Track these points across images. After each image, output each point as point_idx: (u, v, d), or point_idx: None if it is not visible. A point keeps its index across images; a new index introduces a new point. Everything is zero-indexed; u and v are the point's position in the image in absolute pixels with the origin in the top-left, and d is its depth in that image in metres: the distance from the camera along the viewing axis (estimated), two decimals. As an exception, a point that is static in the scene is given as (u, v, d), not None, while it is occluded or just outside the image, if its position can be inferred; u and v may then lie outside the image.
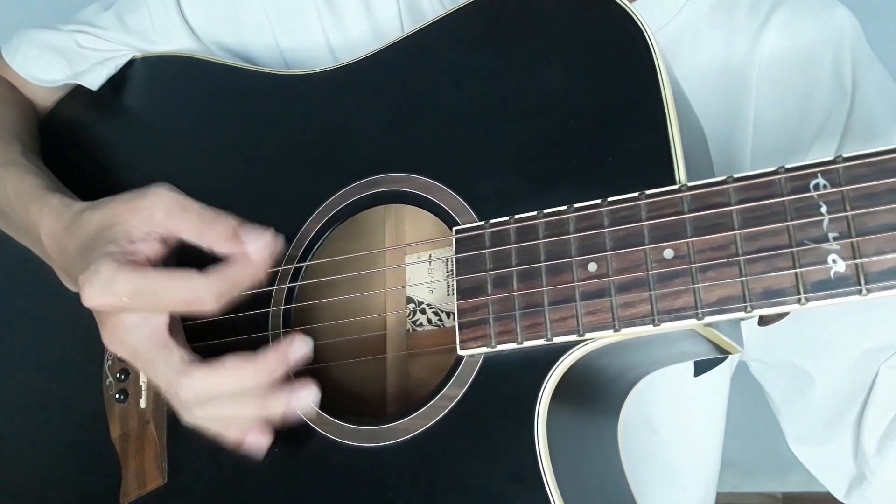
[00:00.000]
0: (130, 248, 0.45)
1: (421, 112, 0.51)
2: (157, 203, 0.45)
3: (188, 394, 0.44)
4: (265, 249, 0.44)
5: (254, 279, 0.45)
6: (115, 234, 0.45)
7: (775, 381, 0.66)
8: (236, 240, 0.44)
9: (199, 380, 0.43)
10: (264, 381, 0.44)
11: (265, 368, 0.43)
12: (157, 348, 0.45)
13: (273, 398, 0.44)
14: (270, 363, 0.43)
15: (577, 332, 0.40)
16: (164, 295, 0.43)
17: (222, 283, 0.43)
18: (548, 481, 0.40)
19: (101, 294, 0.43)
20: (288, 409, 0.45)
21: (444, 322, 0.56)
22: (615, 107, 0.44)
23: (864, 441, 0.58)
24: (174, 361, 0.44)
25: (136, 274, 0.43)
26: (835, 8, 0.59)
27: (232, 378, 0.43)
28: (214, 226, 0.44)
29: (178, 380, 0.44)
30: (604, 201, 0.41)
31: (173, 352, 0.45)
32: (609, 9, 0.45)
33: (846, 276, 0.35)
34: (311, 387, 0.45)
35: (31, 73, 0.67)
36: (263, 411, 0.45)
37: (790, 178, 0.37)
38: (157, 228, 0.45)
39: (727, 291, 0.37)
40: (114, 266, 0.43)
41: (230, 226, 0.44)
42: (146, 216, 0.45)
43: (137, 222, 0.45)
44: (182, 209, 0.45)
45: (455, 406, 0.44)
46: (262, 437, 0.46)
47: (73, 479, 0.59)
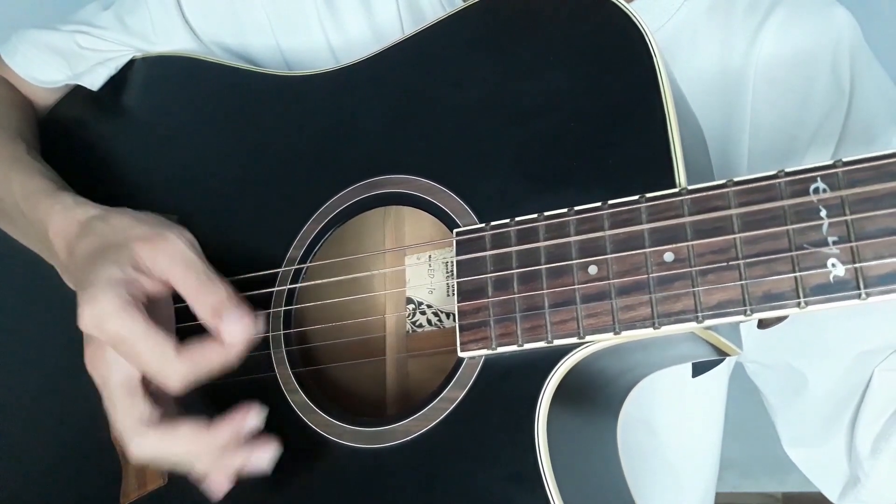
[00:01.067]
0: (134, 276, 0.45)
1: (421, 114, 0.51)
2: (168, 251, 0.46)
3: (136, 452, 0.45)
4: (240, 335, 0.44)
5: (224, 365, 0.45)
6: (122, 256, 0.46)
7: (771, 383, 0.66)
8: (218, 318, 0.45)
9: (150, 444, 0.44)
10: (216, 452, 0.44)
11: (218, 441, 0.44)
12: (124, 394, 0.45)
13: (228, 458, 0.45)
14: (224, 436, 0.44)
15: (577, 335, 0.40)
16: (139, 357, 0.44)
17: (190, 372, 0.44)
18: (548, 482, 0.41)
19: (92, 325, 0.44)
20: (246, 469, 0.45)
21: (444, 323, 0.56)
22: (615, 109, 0.44)
23: (858, 443, 0.58)
24: (133, 416, 0.45)
25: (130, 323, 0.43)
26: (833, 8, 0.59)
27: (183, 447, 0.44)
28: (206, 295, 0.45)
29: (131, 437, 0.45)
30: (604, 204, 0.41)
31: (136, 406, 0.45)
32: (609, 10, 0.45)
33: (846, 280, 0.35)
34: (269, 447, 0.45)
35: (31, 73, 0.67)
36: (217, 468, 0.45)
37: (790, 182, 0.37)
38: (156, 273, 0.46)
39: (727, 295, 0.37)
40: (114, 303, 0.43)
41: (220, 300, 0.45)
42: (153, 256, 0.46)
43: (145, 256, 0.46)
44: (186, 267, 0.46)
45: (456, 408, 0.44)
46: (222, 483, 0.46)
47: (73, 479, 0.59)
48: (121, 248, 0.46)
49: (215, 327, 0.45)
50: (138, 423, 0.45)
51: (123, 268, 0.45)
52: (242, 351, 0.45)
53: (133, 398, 0.45)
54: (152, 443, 0.44)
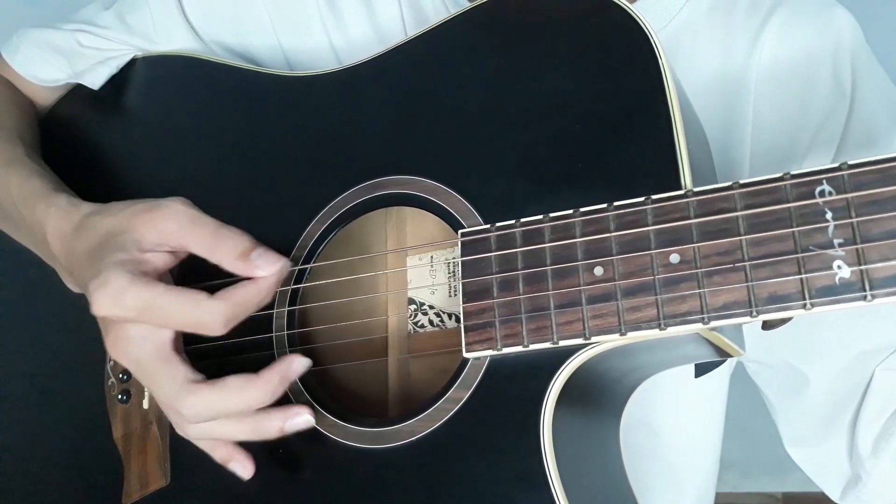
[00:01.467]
0: (140, 257, 0.45)
1: (426, 115, 0.51)
2: (171, 216, 0.45)
3: (190, 412, 0.44)
4: (272, 267, 0.45)
5: (260, 304, 0.45)
6: (125, 241, 0.45)
7: (771, 382, 0.66)
8: (246, 260, 0.44)
9: (203, 399, 0.44)
10: (266, 402, 0.44)
11: (268, 388, 0.44)
12: (161, 363, 0.45)
13: (269, 419, 0.45)
14: (273, 383, 0.44)
15: (583, 336, 0.41)
16: (173, 314, 0.43)
17: (229, 309, 0.43)
18: (553, 483, 0.41)
19: (110, 305, 0.43)
20: (282, 432, 0.46)
21: (446, 323, 0.56)
22: (621, 110, 0.44)
23: (859, 442, 0.58)
24: (178, 378, 0.44)
25: (147, 289, 0.43)
26: (834, 9, 0.59)
27: (235, 399, 0.44)
28: (226, 243, 0.45)
29: (182, 397, 0.44)
30: (610, 206, 0.41)
31: (177, 368, 0.45)
32: (613, 12, 0.45)
33: (851, 283, 0.35)
34: (306, 412, 0.46)
35: (32, 72, 0.67)
36: (258, 432, 0.45)
37: (796, 184, 0.37)
38: (168, 241, 0.46)
39: (733, 296, 0.38)
40: (126, 278, 0.43)
41: (241, 245, 0.45)
42: (158, 228, 0.45)
43: (149, 233, 0.45)
44: (194, 223, 0.45)
45: (460, 408, 0.44)
46: (247, 464, 0.47)
47: (76, 479, 0.58)
48: (122, 234, 0.46)
49: (245, 267, 0.44)
50: (185, 382, 0.44)
51: (129, 251, 0.45)
52: (274, 289, 0.45)
53: (171, 363, 0.45)
54: (205, 398, 0.43)
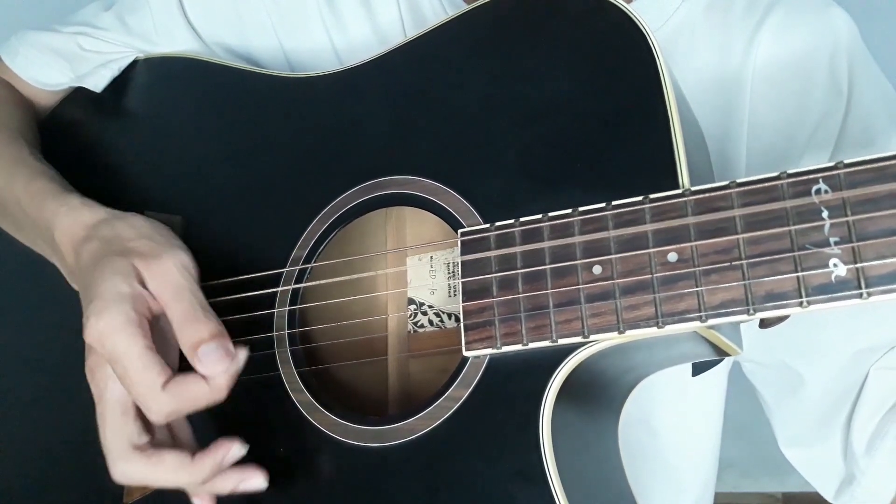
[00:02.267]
0: (140, 292, 0.46)
1: (425, 115, 0.51)
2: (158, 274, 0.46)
3: (119, 476, 0.46)
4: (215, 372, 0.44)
5: (209, 402, 0.45)
6: (125, 268, 0.46)
7: (767, 382, 0.66)
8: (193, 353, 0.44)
9: (133, 469, 0.45)
10: (198, 482, 0.45)
11: (199, 476, 0.45)
12: (117, 413, 0.46)
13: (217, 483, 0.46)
14: (205, 470, 0.45)
15: (581, 334, 0.41)
16: (128, 381, 0.44)
17: (173, 404, 0.44)
18: (553, 481, 0.41)
19: (94, 338, 0.44)
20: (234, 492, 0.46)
21: (446, 323, 0.57)
22: (618, 110, 0.44)
23: (853, 441, 0.58)
24: (122, 437, 0.45)
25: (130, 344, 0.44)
26: (831, 8, 0.59)
27: (166, 478, 0.45)
28: (189, 328, 0.45)
29: (116, 459, 0.45)
30: (608, 205, 0.42)
31: (127, 427, 0.46)
32: (611, 12, 0.46)
33: (847, 280, 0.35)
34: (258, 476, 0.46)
35: (33, 75, 0.67)
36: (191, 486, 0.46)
37: (792, 183, 0.37)
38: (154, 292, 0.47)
39: (730, 294, 0.38)
40: (119, 319, 0.44)
41: (198, 335, 0.45)
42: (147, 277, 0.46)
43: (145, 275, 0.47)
44: (175, 294, 0.46)
45: (460, 406, 0.45)
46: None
47: (76, 478, 0.59)
48: (122, 259, 0.47)
49: (192, 361, 0.45)
50: (126, 446, 0.45)
51: (130, 281, 0.46)
52: (226, 387, 0.45)
53: (125, 418, 0.46)
54: (136, 468, 0.45)
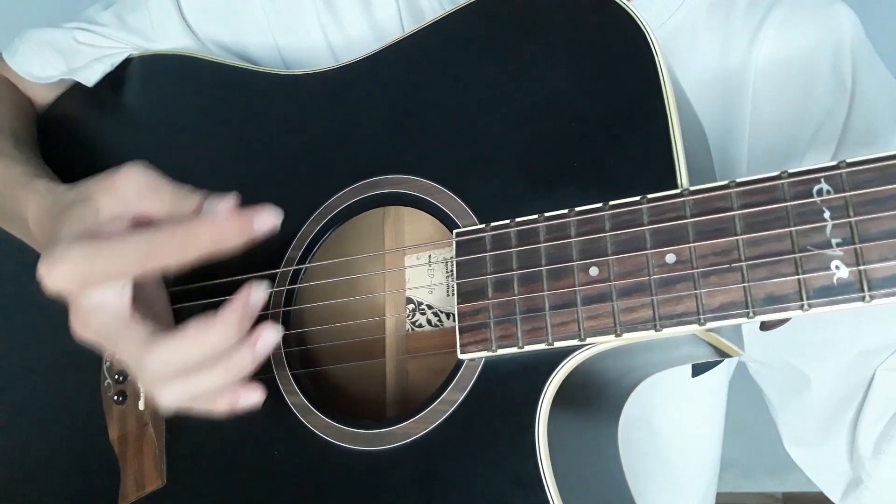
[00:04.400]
0: (96, 228, 0.43)
1: (421, 113, 0.50)
2: (130, 182, 0.44)
3: (154, 366, 0.42)
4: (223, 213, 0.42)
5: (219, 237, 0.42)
6: (83, 212, 0.44)
7: (772, 382, 0.66)
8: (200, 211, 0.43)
9: (164, 350, 0.42)
10: (231, 340, 0.42)
11: (230, 325, 0.42)
12: (120, 326, 0.43)
13: (238, 353, 0.42)
14: (234, 318, 0.42)
15: (578, 337, 0.40)
16: (121, 251, 0.41)
17: (176, 239, 0.41)
18: (548, 485, 0.40)
19: (55, 266, 0.41)
20: (255, 358, 0.43)
21: (444, 322, 0.56)
22: (617, 109, 0.43)
23: (859, 443, 0.58)
24: (137, 336, 0.42)
25: (92, 241, 0.41)
26: (834, 4, 0.58)
27: (198, 342, 0.41)
28: (181, 203, 0.43)
29: (143, 355, 0.42)
30: (605, 205, 0.41)
31: (136, 327, 0.43)
32: (610, 9, 0.45)
33: (849, 283, 0.35)
34: (269, 328, 0.43)
35: (27, 69, 0.67)
36: (233, 370, 0.43)
37: (793, 182, 0.36)
38: (128, 207, 0.44)
39: (729, 297, 0.37)
40: (68, 242, 0.41)
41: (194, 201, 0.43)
42: (118, 195, 0.44)
43: (108, 201, 0.44)
44: (154, 189, 0.44)
45: (455, 410, 0.44)
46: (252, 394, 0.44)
47: (72, 481, 0.58)
48: (80, 203, 0.44)
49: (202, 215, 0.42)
50: (145, 338, 0.42)
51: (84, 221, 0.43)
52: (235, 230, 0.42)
53: (129, 326, 0.43)
54: (167, 349, 0.42)
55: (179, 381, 0.42)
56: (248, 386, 0.44)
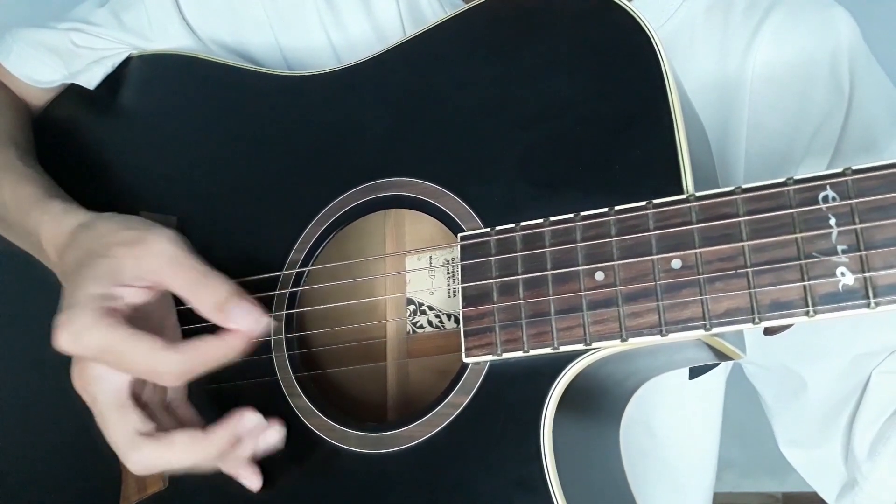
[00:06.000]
0: (115, 291, 0.44)
1: (425, 116, 0.50)
2: (155, 254, 0.45)
3: (134, 466, 0.44)
4: (247, 334, 0.44)
5: (225, 359, 0.44)
6: (104, 269, 0.45)
7: (769, 384, 0.66)
8: (221, 312, 0.44)
9: (146, 456, 0.44)
10: (212, 460, 0.44)
11: (215, 448, 0.44)
12: (115, 408, 0.45)
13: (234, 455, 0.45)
14: (223, 441, 0.44)
15: (583, 342, 0.40)
16: (128, 360, 0.43)
17: (186, 363, 0.43)
18: (553, 489, 0.40)
19: (69, 343, 0.43)
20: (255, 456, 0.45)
21: (445, 324, 0.56)
22: (622, 113, 0.43)
23: (855, 445, 0.58)
24: (127, 429, 0.44)
25: (108, 332, 0.43)
26: (832, 8, 0.59)
27: (181, 456, 0.44)
28: (205, 291, 0.44)
29: (127, 451, 0.44)
30: (611, 210, 0.41)
31: (128, 417, 0.44)
32: (614, 12, 0.45)
33: (855, 290, 0.35)
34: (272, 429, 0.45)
35: (26, 73, 0.66)
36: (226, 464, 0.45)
37: (799, 189, 0.37)
38: (147, 277, 0.45)
39: (735, 303, 0.37)
40: (90, 317, 0.43)
41: (220, 294, 0.44)
42: (139, 263, 0.45)
43: (129, 266, 0.45)
44: (179, 266, 0.45)
45: (460, 413, 0.44)
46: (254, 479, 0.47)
47: (73, 482, 0.58)
48: (101, 258, 0.45)
49: (220, 319, 0.44)
50: (133, 436, 0.44)
51: (101, 283, 0.44)
52: (246, 345, 0.44)
53: (124, 411, 0.45)
54: (148, 454, 0.44)
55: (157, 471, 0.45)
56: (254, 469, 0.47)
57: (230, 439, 0.44)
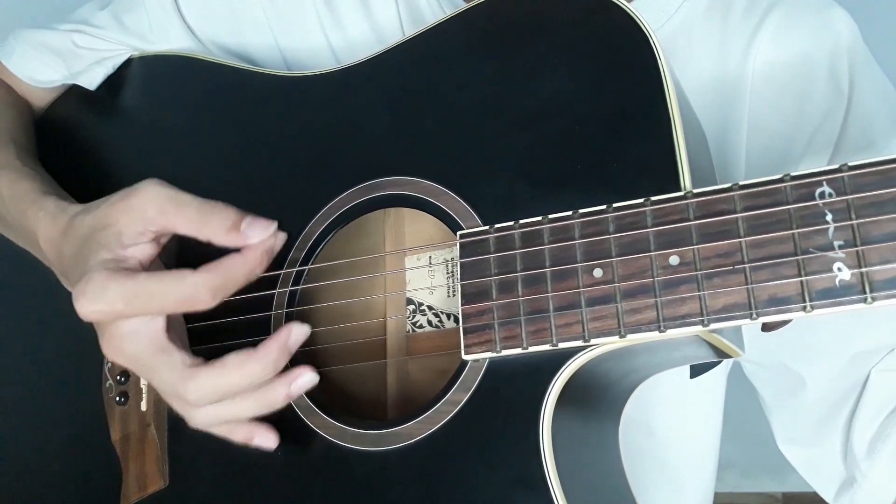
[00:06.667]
0: (122, 253, 0.44)
1: (425, 115, 0.51)
2: (149, 200, 0.44)
3: (193, 396, 0.43)
4: (268, 242, 0.44)
5: (251, 273, 0.44)
6: (107, 238, 0.44)
7: (767, 382, 0.66)
8: (237, 231, 0.43)
9: (205, 380, 0.43)
10: (268, 375, 0.43)
11: (268, 361, 0.43)
12: (158, 353, 0.44)
13: (273, 388, 0.44)
14: (273, 354, 0.43)
15: (582, 338, 0.40)
16: (158, 296, 0.42)
17: (216, 279, 0.43)
18: (553, 486, 0.41)
19: (93, 304, 0.42)
20: (289, 397, 0.45)
21: (445, 323, 0.56)
22: (620, 111, 0.44)
23: (854, 444, 0.58)
24: (176, 365, 0.44)
25: (129, 280, 0.42)
26: (831, 8, 0.59)
27: (237, 375, 0.43)
28: (213, 218, 0.44)
29: (184, 383, 0.43)
30: (609, 207, 0.41)
31: (174, 356, 0.44)
32: (612, 12, 0.45)
33: (851, 285, 0.35)
34: (308, 372, 0.45)
35: (28, 73, 0.67)
36: (266, 403, 0.45)
37: (796, 185, 0.37)
38: (150, 227, 0.44)
39: (733, 299, 0.37)
40: (105, 275, 0.42)
41: (229, 217, 0.44)
42: (138, 215, 0.44)
43: (129, 222, 0.44)
44: (176, 204, 0.44)
45: (459, 411, 0.44)
46: (270, 435, 0.47)
47: (74, 482, 0.58)
48: (102, 229, 0.45)
49: (238, 239, 0.43)
50: (184, 368, 0.43)
51: (110, 248, 0.44)
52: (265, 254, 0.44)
53: (167, 352, 0.44)
54: (206, 380, 0.43)
55: (213, 406, 0.44)
56: (269, 429, 0.47)
57: (280, 351, 0.43)
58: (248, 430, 0.47)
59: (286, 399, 0.45)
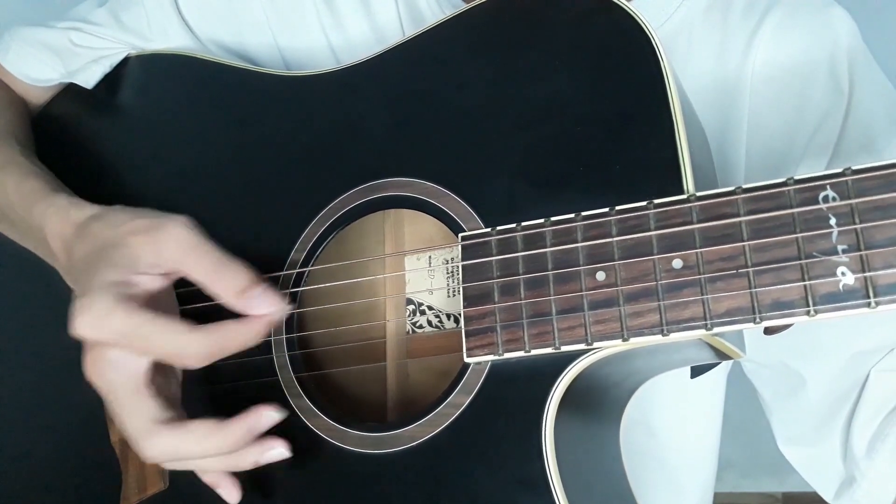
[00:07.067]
0: (132, 279, 0.44)
1: (426, 116, 0.50)
2: (174, 240, 0.44)
3: (149, 453, 0.44)
4: (269, 318, 0.44)
5: (246, 344, 0.44)
6: (122, 258, 0.44)
7: (767, 382, 0.66)
8: (244, 298, 0.43)
9: (163, 443, 0.43)
10: (228, 452, 0.44)
11: (233, 441, 0.43)
12: (131, 394, 0.44)
13: (243, 455, 0.44)
14: (238, 435, 0.43)
15: (585, 341, 0.40)
16: (152, 343, 0.42)
17: (212, 345, 0.43)
18: (555, 488, 0.41)
19: (90, 327, 0.42)
20: (256, 464, 0.45)
21: (445, 324, 0.56)
22: (622, 113, 0.43)
23: (853, 443, 0.58)
24: (144, 416, 0.44)
25: (133, 316, 0.42)
26: (831, 8, 0.59)
27: (198, 446, 0.43)
28: (226, 276, 0.44)
29: (143, 438, 0.43)
30: (612, 210, 0.41)
31: (146, 404, 0.44)
32: (614, 12, 0.45)
33: (855, 289, 0.35)
34: (281, 447, 0.45)
35: (24, 72, 0.66)
36: (230, 465, 0.45)
37: (799, 189, 0.37)
38: (165, 265, 0.44)
39: (736, 302, 0.37)
40: (110, 301, 0.42)
41: (242, 281, 0.44)
42: (158, 249, 0.44)
43: (146, 253, 0.44)
44: (196, 251, 0.44)
45: (461, 413, 0.44)
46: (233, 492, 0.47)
47: (73, 483, 0.58)
48: (117, 247, 0.45)
49: (242, 305, 0.43)
50: (149, 423, 0.43)
51: (119, 270, 0.44)
52: (268, 327, 0.44)
53: (141, 397, 0.44)
54: (166, 441, 0.43)
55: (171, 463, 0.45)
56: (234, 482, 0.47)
57: (246, 434, 0.43)
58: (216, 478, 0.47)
59: (251, 466, 0.45)
